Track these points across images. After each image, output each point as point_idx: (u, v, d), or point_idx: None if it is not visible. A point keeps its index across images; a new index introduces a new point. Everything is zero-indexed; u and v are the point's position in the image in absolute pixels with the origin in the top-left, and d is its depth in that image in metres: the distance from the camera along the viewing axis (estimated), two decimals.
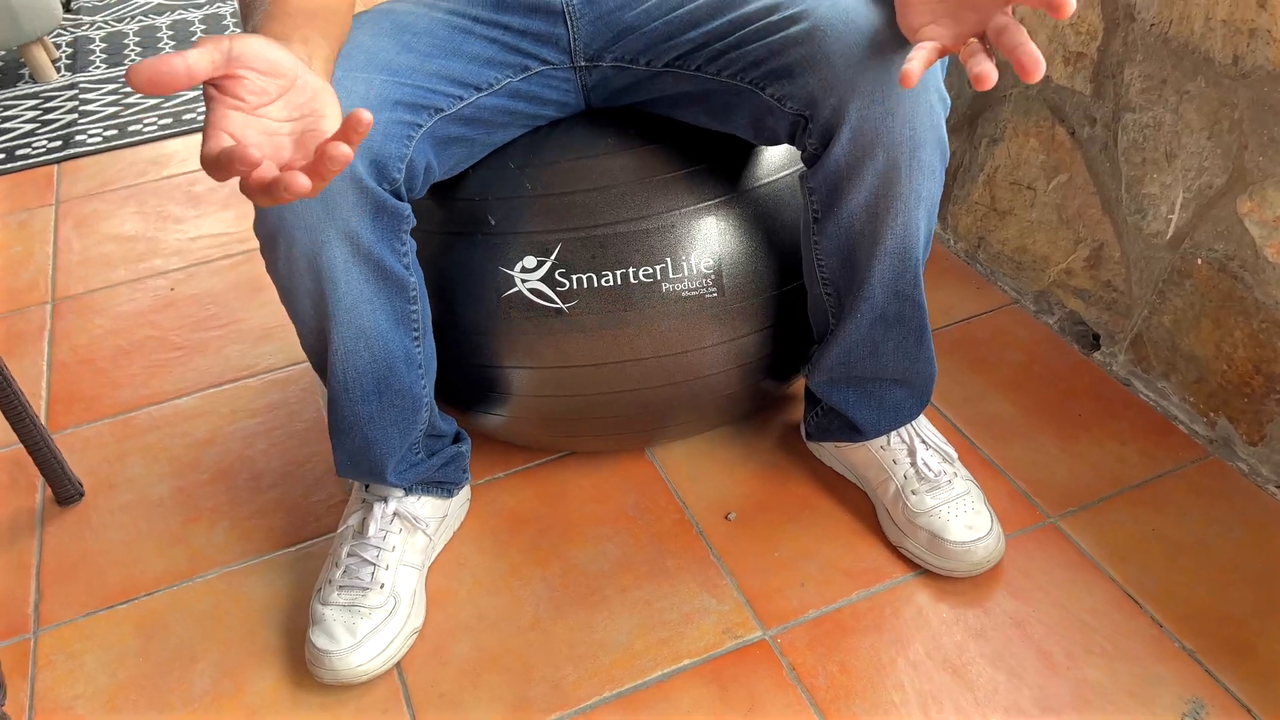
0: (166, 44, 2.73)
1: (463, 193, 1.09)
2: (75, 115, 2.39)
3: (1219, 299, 1.24)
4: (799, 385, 1.39)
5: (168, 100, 2.42)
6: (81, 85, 2.53)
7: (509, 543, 1.26)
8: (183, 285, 1.80)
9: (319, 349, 1.02)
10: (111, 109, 2.41)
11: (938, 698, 1.05)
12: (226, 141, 0.63)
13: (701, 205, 1.10)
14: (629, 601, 1.18)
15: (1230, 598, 1.12)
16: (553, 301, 1.08)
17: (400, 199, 0.96)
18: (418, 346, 1.04)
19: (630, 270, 1.06)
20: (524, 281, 1.07)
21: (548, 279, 1.07)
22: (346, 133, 0.61)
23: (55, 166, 2.20)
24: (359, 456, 1.10)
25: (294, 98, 0.70)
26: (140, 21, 2.89)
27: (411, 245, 1.00)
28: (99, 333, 1.69)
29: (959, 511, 1.15)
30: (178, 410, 1.52)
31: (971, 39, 0.76)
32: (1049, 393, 1.41)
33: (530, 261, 1.07)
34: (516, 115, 1.09)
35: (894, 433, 1.19)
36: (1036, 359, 1.48)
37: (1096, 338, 1.45)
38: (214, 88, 0.66)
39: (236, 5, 0.92)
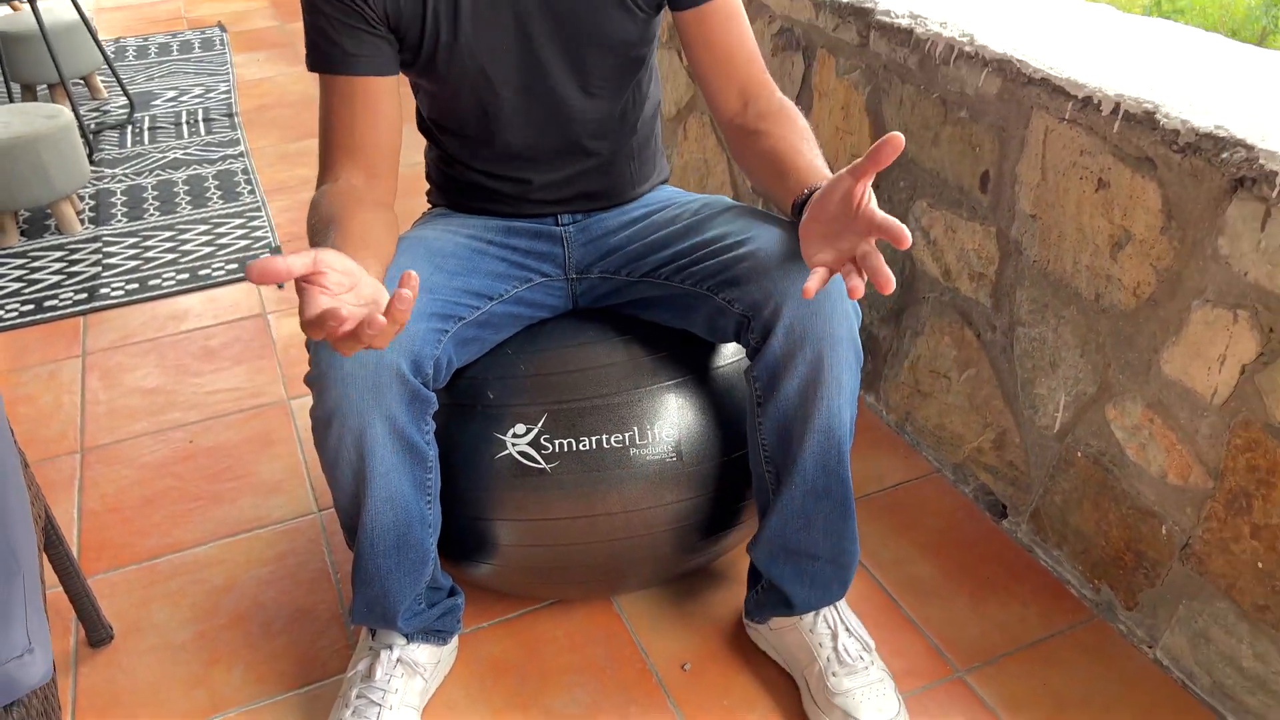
0: (183, 198, 2.98)
1: (468, 371, 1.32)
2: (99, 268, 2.62)
3: (1096, 486, 1.48)
4: (742, 553, 1.60)
5: (184, 257, 2.65)
6: (105, 238, 2.76)
7: (493, 689, 1.45)
8: (200, 438, 2.00)
9: (352, 511, 1.23)
10: (133, 262, 2.64)
11: None
12: (324, 304, 0.86)
13: (664, 384, 1.34)
14: None
15: None
16: (537, 462, 1.30)
17: (429, 389, 1.19)
18: (430, 508, 1.26)
19: (603, 437, 1.29)
20: (514, 445, 1.30)
21: (534, 443, 1.30)
22: (394, 308, 0.84)
23: (81, 319, 2.42)
24: (375, 604, 1.30)
25: (360, 291, 0.93)
26: (158, 176, 3.15)
27: (433, 425, 1.22)
28: (125, 482, 1.88)
29: (871, 696, 1.34)
30: (197, 558, 1.71)
31: (848, 262, 1.01)
32: (964, 556, 1.64)
33: (520, 428, 1.30)
34: (519, 318, 1.35)
35: (821, 618, 1.39)
36: (954, 525, 1.70)
37: (1004, 508, 1.69)
38: (304, 282, 0.88)
39: (307, 233, 1.16)
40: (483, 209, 1.40)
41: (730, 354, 1.41)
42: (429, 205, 1.50)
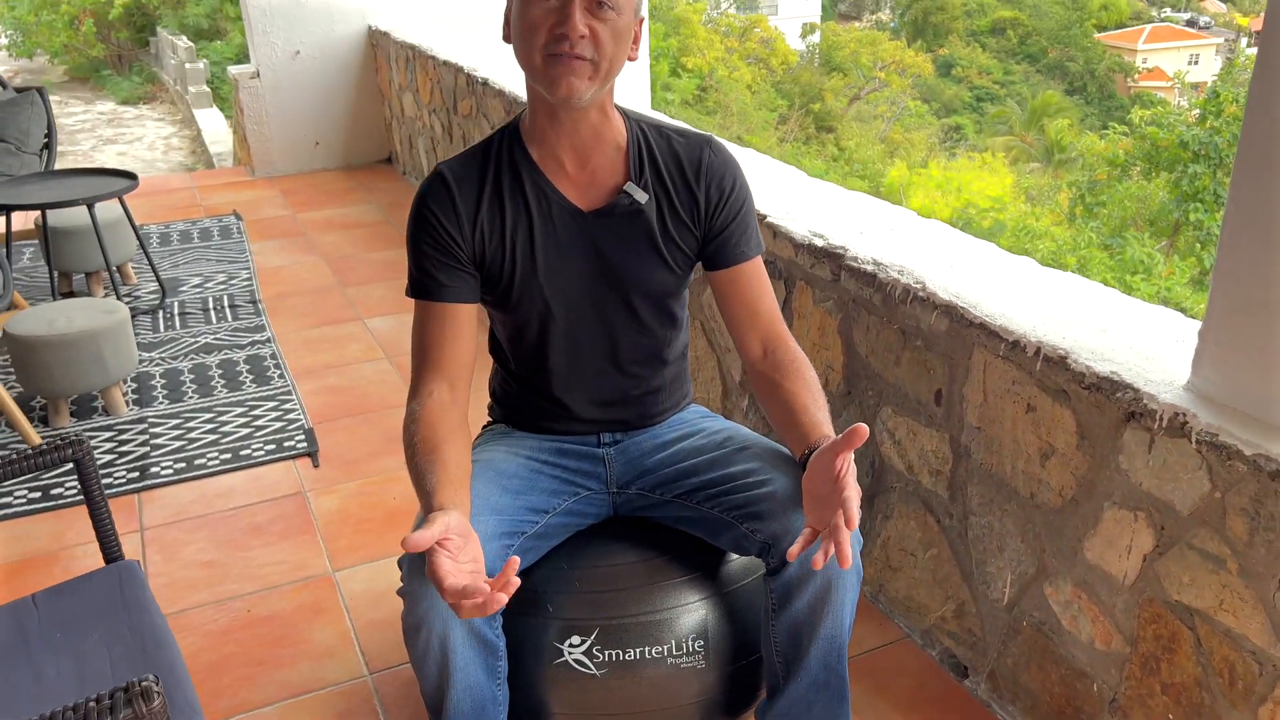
0: (218, 381, 3.29)
1: (531, 583, 1.60)
2: (148, 448, 2.89)
3: (1040, 652, 1.79)
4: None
5: (225, 438, 2.94)
6: (150, 420, 3.05)
7: None
8: (257, 607, 2.25)
9: (436, 697, 1.49)
10: (178, 442, 2.92)
11: None
12: (447, 570, 1.17)
13: (697, 601, 1.62)
14: None
15: None
16: (589, 669, 1.57)
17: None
18: (500, 690, 1.52)
19: (647, 649, 1.56)
20: (570, 654, 1.57)
21: (587, 653, 1.56)
22: (505, 585, 1.15)
23: (136, 496, 2.67)
24: None
25: (469, 549, 1.23)
26: (192, 360, 3.46)
27: (501, 620, 1.50)
28: (193, 648, 2.11)
29: None
30: (266, 718, 1.94)
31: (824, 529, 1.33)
32: (933, 711, 1.92)
33: (576, 639, 1.57)
34: (569, 526, 1.64)
35: None
36: (924, 684, 1.99)
37: (965, 669, 1.98)
38: (436, 545, 1.18)
39: (408, 465, 1.45)
40: (535, 425, 1.70)
41: (748, 572, 1.68)
42: (489, 418, 1.82)
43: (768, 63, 24.28)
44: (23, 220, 4.60)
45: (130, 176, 3.76)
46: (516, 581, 1.18)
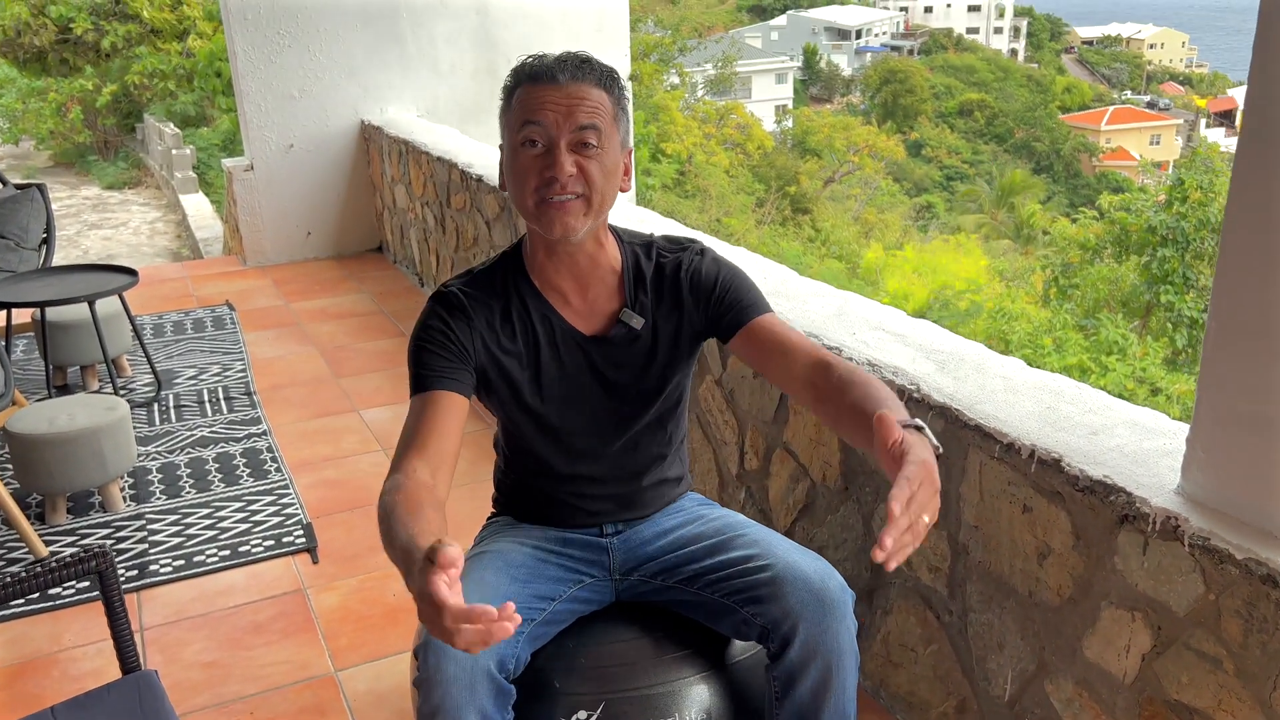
0: (214, 476, 3.30)
1: (538, 661, 1.62)
2: (146, 545, 2.89)
3: None
4: None
5: (223, 534, 2.95)
6: (147, 516, 3.06)
7: None
8: (259, 710, 2.24)
9: None
10: (176, 539, 2.93)
11: None
12: (455, 602, 1.15)
13: (697, 676, 1.65)
14: None
15: None
16: None
17: (509, 682, 1.50)
18: None
19: None
20: None
21: None
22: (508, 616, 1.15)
23: (136, 595, 2.67)
24: None
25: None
26: (189, 454, 3.48)
27: (512, 712, 1.51)
28: None
29: None
30: None
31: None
32: None
33: (582, 714, 1.59)
34: (574, 612, 1.68)
35: None
36: None
37: None
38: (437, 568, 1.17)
39: (383, 528, 1.44)
40: (539, 518, 1.76)
41: (746, 650, 1.71)
42: (493, 509, 1.86)
43: (744, 147, 24.87)
44: (19, 314, 4.63)
45: (130, 272, 3.82)
46: (517, 619, 1.16)
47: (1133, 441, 1.73)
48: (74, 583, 2.69)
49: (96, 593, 2.53)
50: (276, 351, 4.50)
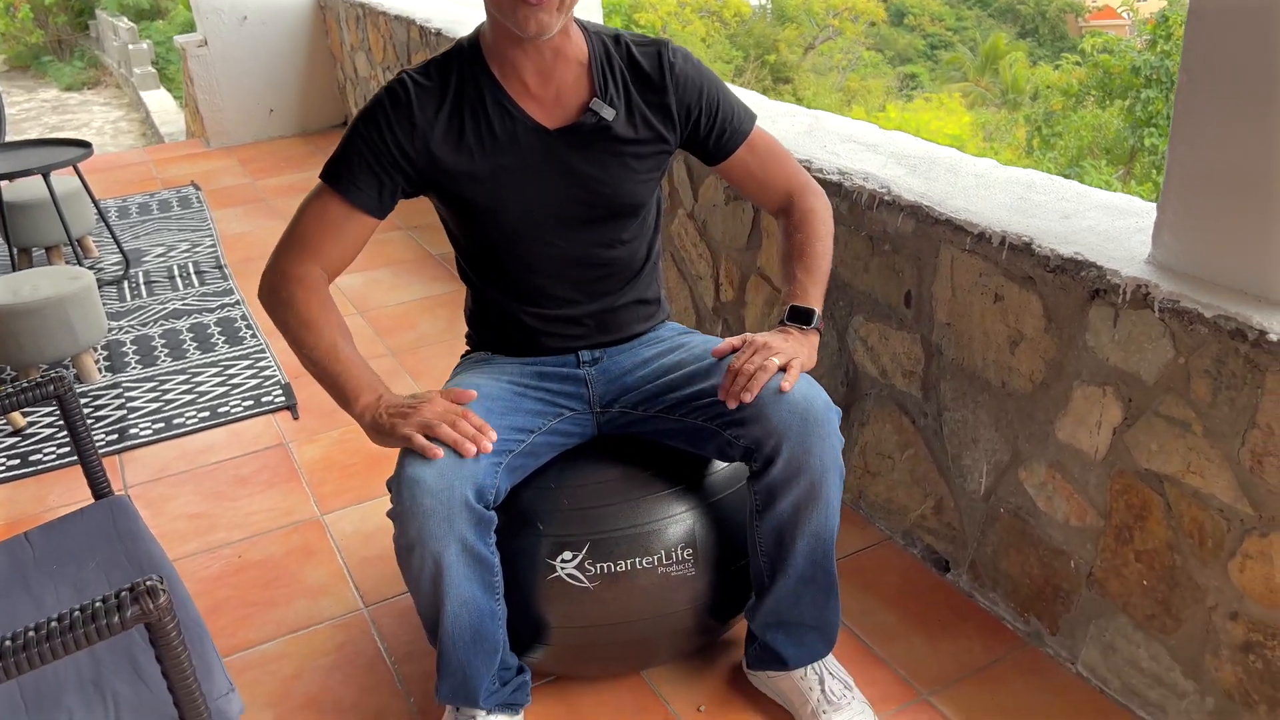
0: (190, 345, 3.27)
1: (520, 504, 1.62)
2: (124, 411, 2.88)
3: (1017, 536, 1.84)
4: (742, 624, 1.91)
5: (201, 397, 2.94)
6: (124, 385, 3.03)
7: None
8: (247, 553, 2.26)
9: (433, 614, 1.51)
10: (155, 404, 2.91)
11: None
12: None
13: (682, 513, 1.65)
14: None
15: None
16: (581, 582, 1.60)
17: (490, 510, 1.49)
18: (497, 604, 1.55)
19: (636, 559, 1.60)
20: (562, 569, 1.60)
21: (579, 566, 1.59)
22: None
23: (118, 457, 2.67)
24: (459, 687, 1.57)
25: None
26: (162, 326, 3.44)
27: (494, 538, 1.52)
28: (189, 594, 2.12)
29: None
30: (264, 654, 1.96)
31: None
32: (918, 605, 1.98)
33: (567, 555, 1.60)
34: (554, 445, 1.66)
35: (809, 668, 1.69)
36: (908, 580, 2.05)
37: (946, 563, 2.04)
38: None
39: (286, 319, 1.52)
40: (513, 348, 1.71)
41: (732, 481, 1.71)
42: (467, 347, 1.83)
43: (720, 15, 24.11)
44: None
45: (84, 145, 3.71)
46: (493, 435, 1.40)
47: (1105, 222, 1.70)
48: (55, 449, 2.69)
49: (76, 456, 2.53)
50: (245, 227, 4.41)
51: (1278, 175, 1.34)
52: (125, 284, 3.82)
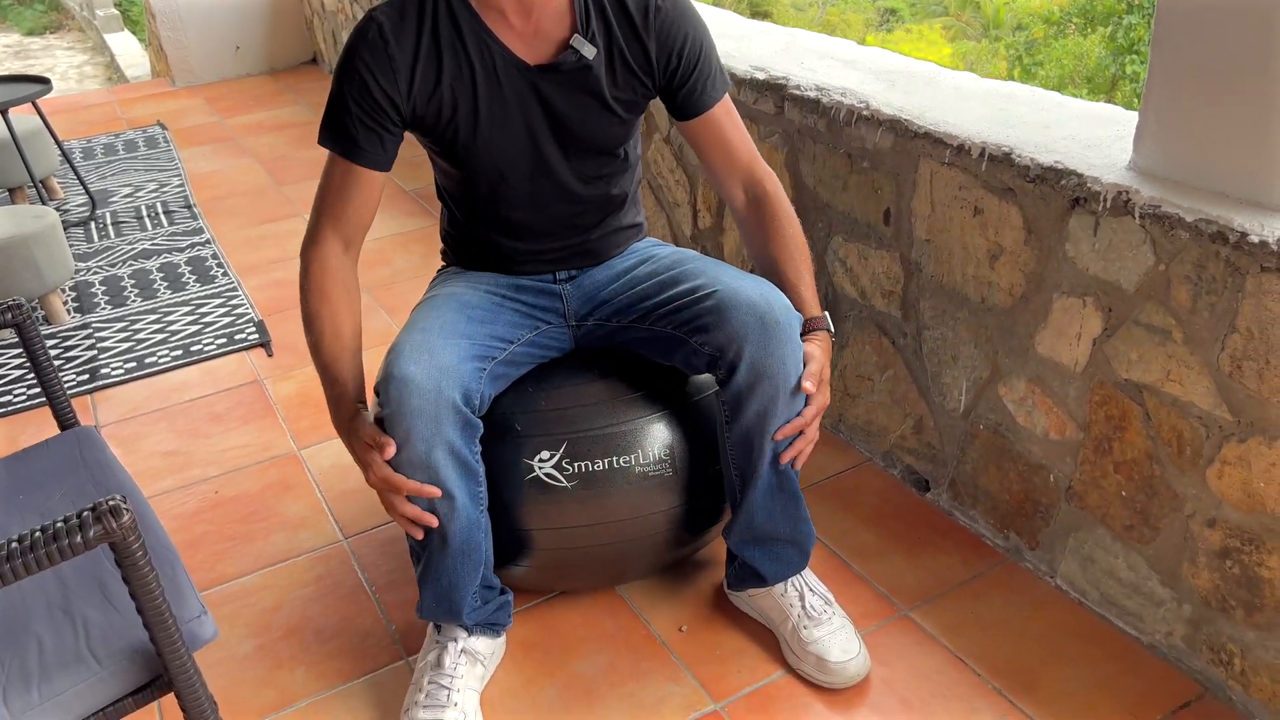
0: (160, 285, 3.21)
1: (499, 407, 1.61)
2: (95, 351, 2.83)
3: (997, 452, 1.84)
4: (721, 546, 1.91)
5: (173, 336, 2.89)
6: (94, 325, 2.98)
7: (524, 662, 1.73)
8: (224, 489, 2.24)
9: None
10: (126, 344, 2.86)
11: None
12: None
13: (658, 414, 1.64)
14: (618, 694, 1.65)
15: (1022, 652, 1.67)
16: (560, 482, 1.59)
17: (476, 415, 1.48)
18: (483, 516, 1.54)
19: (614, 459, 1.59)
20: (540, 468, 1.59)
21: (557, 466, 1.59)
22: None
23: (89, 396, 2.63)
24: (442, 599, 1.56)
25: None
26: (131, 266, 3.37)
27: (479, 448, 1.51)
28: (165, 530, 2.10)
29: (837, 640, 1.65)
30: (244, 586, 1.95)
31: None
32: (898, 524, 1.98)
33: (545, 454, 1.59)
34: (533, 357, 1.65)
35: (789, 584, 1.70)
36: (887, 500, 2.05)
37: (926, 483, 2.04)
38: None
39: (310, 307, 1.52)
40: (489, 266, 1.70)
41: (705, 386, 1.70)
42: (442, 262, 1.80)
43: None
44: None
45: (43, 81, 3.60)
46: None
47: (1085, 130, 1.67)
48: (25, 390, 2.65)
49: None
50: (214, 166, 4.32)
51: (1266, 70, 1.31)
52: (92, 225, 3.74)
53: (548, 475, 1.59)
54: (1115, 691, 1.59)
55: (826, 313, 1.61)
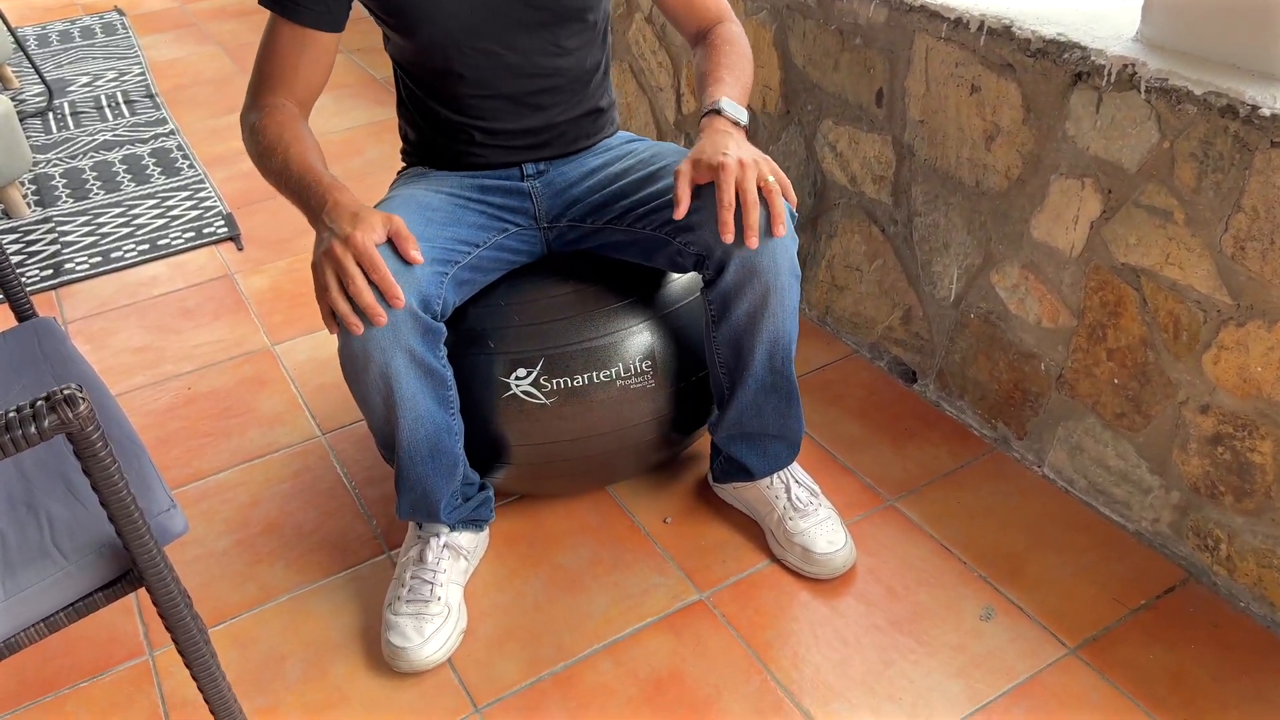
0: (124, 177, 3.10)
1: (469, 322, 1.54)
2: (58, 245, 2.74)
3: (987, 341, 1.80)
4: (705, 438, 1.88)
5: (140, 230, 2.79)
6: (56, 219, 2.88)
7: (508, 554, 1.71)
8: (197, 384, 2.18)
9: (386, 430, 1.45)
10: (90, 238, 2.77)
11: (821, 623, 1.55)
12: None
13: (638, 325, 1.57)
14: (602, 585, 1.64)
15: (1008, 540, 1.67)
16: (538, 399, 1.54)
17: (438, 321, 1.41)
18: (453, 419, 1.49)
19: (593, 374, 1.53)
20: (517, 385, 1.53)
21: (534, 383, 1.53)
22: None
23: (54, 292, 2.55)
24: (419, 503, 1.53)
25: None
26: (93, 158, 3.25)
27: (445, 351, 1.44)
28: (137, 427, 2.06)
29: (823, 531, 1.63)
30: (220, 483, 1.91)
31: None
32: (884, 415, 1.95)
33: (521, 372, 1.53)
34: (502, 262, 1.57)
35: (775, 476, 1.67)
36: (874, 392, 2.02)
37: (913, 374, 2.01)
38: None
39: (265, 161, 1.41)
40: (453, 162, 1.59)
41: (686, 292, 1.64)
42: (403, 163, 1.70)
43: None
44: None
45: None
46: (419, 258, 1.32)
47: (1090, 1, 1.59)
48: None
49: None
50: (176, 53, 4.14)
51: None
52: (50, 116, 3.59)
53: (525, 393, 1.53)
54: (1100, 578, 1.59)
55: (745, 109, 1.46)
